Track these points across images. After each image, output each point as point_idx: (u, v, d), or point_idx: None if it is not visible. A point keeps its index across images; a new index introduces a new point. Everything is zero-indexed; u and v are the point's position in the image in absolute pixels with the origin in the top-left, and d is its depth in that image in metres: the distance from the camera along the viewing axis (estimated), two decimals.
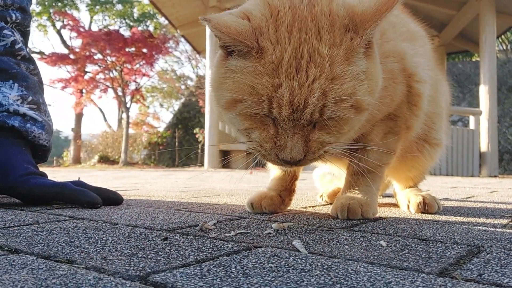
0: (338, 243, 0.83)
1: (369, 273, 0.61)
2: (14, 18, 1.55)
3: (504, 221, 1.19)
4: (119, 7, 18.70)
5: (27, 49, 1.63)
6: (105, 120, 21.16)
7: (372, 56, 0.91)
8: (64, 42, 18.25)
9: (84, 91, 14.28)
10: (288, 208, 1.37)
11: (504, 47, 15.35)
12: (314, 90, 0.82)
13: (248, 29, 0.85)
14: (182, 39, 12.31)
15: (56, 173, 5.08)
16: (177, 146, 14.09)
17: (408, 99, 1.20)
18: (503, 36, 13.19)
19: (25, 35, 1.64)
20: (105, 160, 13.63)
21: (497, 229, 1.04)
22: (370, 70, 0.88)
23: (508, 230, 1.03)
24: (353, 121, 0.90)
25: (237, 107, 0.87)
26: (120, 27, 18.89)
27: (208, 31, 7.96)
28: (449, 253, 0.76)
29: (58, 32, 18.22)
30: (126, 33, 15.33)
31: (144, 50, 12.96)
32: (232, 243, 0.81)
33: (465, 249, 0.79)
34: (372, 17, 0.86)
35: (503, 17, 7.89)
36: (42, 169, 1.51)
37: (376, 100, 0.96)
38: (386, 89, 1.12)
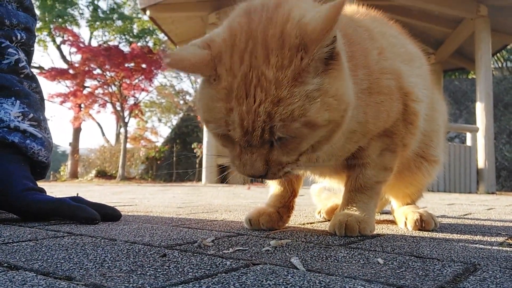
0: (336, 261, 0.83)
1: None
2: (19, 37, 1.58)
3: (500, 239, 1.20)
4: (119, 23, 18.89)
5: (30, 67, 1.66)
6: (103, 134, 21.19)
7: (336, 70, 0.90)
8: (63, 57, 18.38)
9: (82, 105, 14.31)
10: (287, 224, 1.37)
11: (500, 65, 15.51)
12: (260, 113, 0.85)
13: (205, 58, 0.89)
14: None
15: (53, 188, 5.06)
16: (175, 161, 14.08)
17: (404, 118, 1.22)
18: (498, 54, 13.35)
19: (29, 54, 1.67)
20: (103, 175, 13.59)
21: (493, 247, 1.05)
22: (327, 86, 0.88)
23: (504, 248, 1.04)
24: (310, 138, 0.91)
25: (209, 127, 0.95)
26: (119, 42, 19.05)
27: None
28: (445, 271, 0.76)
29: (58, 47, 18.37)
30: (125, 48, 15.46)
31: (143, 66, 13.04)
32: (231, 260, 0.81)
33: (461, 267, 0.80)
34: (320, 33, 0.84)
35: (498, 36, 8.00)
36: (39, 183, 1.52)
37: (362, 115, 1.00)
38: (382, 104, 1.14)
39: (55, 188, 5.12)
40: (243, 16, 0.94)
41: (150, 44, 18.17)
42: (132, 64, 12.98)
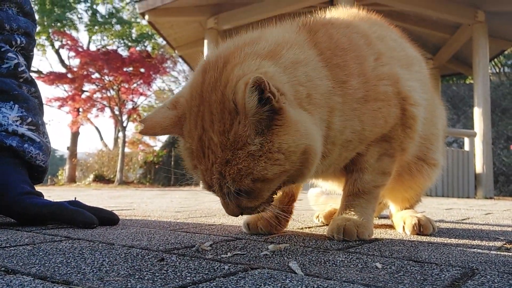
0: (334, 265, 0.83)
1: None
2: (19, 42, 1.58)
3: (498, 244, 1.20)
4: (117, 27, 18.91)
5: (30, 72, 1.66)
6: (101, 139, 21.18)
7: (279, 125, 0.90)
8: (62, 61, 18.39)
9: (81, 110, 14.30)
10: (285, 229, 1.37)
11: (497, 70, 15.58)
12: (214, 172, 0.93)
13: (173, 120, 0.99)
14: (180, 60, 12.45)
15: (51, 192, 5.05)
16: (173, 165, 14.06)
17: (402, 122, 1.22)
18: (496, 60, 13.41)
19: (29, 59, 1.67)
20: (100, 179, 13.57)
21: (491, 252, 1.05)
22: (269, 144, 0.89)
23: (502, 253, 1.04)
24: (269, 188, 0.97)
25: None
26: (118, 47, 19.07)
27: (205, 52, 8.05)
28: (443, 275, 0.76)
29: (57, 51, 18.38)
30: (124, 53, 15.46)
31: (142, 70, 13.06)
32: (229, 265, 0.81)
33: (459, 272, 0.80)
34: (247, 111, 0.87)
35: (496, 41, 8.04)
36: (37, 187, 1.51)
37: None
38: (379, 110, 1.15)
39: (53, 192, 5.11)
40: (199, 74, 1.00)
41: (149, 48, 18.19)
42: (131, 69, 12.99)
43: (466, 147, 7.34)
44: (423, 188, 1.55)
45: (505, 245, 1.17)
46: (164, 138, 20.94)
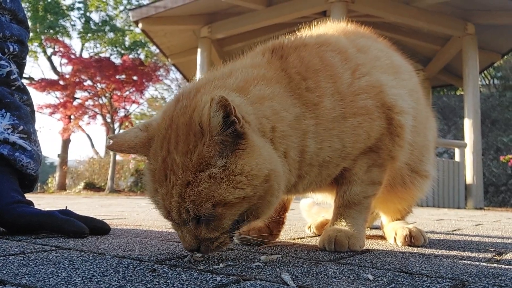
0: (326, 276, 0.84)
1: None
2: (11, 50, 1.58)
3: (488, 255, 1.21)
4: (110, 35, 18.88)
5: (22, 79, 1.65)
6: (93, 146, 20.99)
7: (242, 149, 0.91)
8: (54, 68, 18.30)
9: (72, 117, 14.21)
10: (277, 239, 1.37)
11: (487, 82, 15.78)
12: (173, 195, 0.91)
13: (142, 141, 1.00)
14: (173, 68, 12.43)
15: (40, 200, 5.00)
16: None
17: (390, 131, 1.23)
18: (486, 72, 13.59)
19: (21, 66, 1.67)
20: (91, 187, 13.45)
21: (481, 263, 1.05)
22: (232, 166, 0.90)
23: (492, 265, 1.05)
24: (230, 215, 0.92)
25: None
26: (111, 54, 19.02)
27: (199, 60, 8.08)
28: (434, 287, 0.77)
29: (49, 58, 18.29)
30: (117, 60, 15.43)
31: (135, 78, 13.03)
32: (221, 276, 0.81)
33: (450, 284, 0.80)
34: (206, 130, 0.88)
35: (485, 54, 8.16)
36: (27, 196, 1.50)
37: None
38: (360, 125, 1.16)
39: (43, 200, 5.05)
40: (173, 102, 1.03)
41: (142, 56, 18.16)
42: (123, 76, 12.96)
43: (457, 158, 7.40)
44: (415, 199, 1.56)
45: (494, 257, 1.18)
46: None
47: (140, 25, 7.93)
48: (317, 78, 1.12)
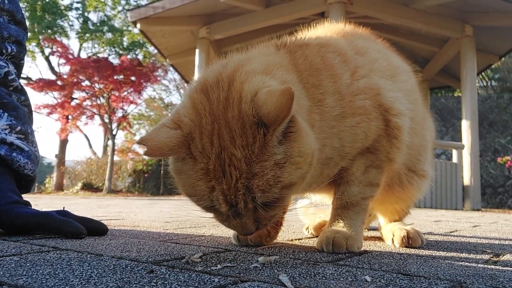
0: (324, 278, 0.83)
1: None
2: (9, 50, 1.58)
3: (486, 257, 1.21)
4: (109, 35, 18.89)
5: (20, 80, 1.65)
6: (90, 146, 21.00)
7: (295, 133, 0.95)
8: (52, 68, 18.28)
9: (70, 117, 14.19)
10: (275, 240, 1.37)
11: (485, 84, 15.83)
12: (239, 188, 0.91)
13: (180, 140, 0.93)
14: (171, 68, 12.43)
15: (38, 201, 4.98)
16: (162, 174, 13.99)
17: (387, 133, 1.23)
18: (483, 73, 13.63)
19: (19, 67, 1.66)
20: (89, 187, 13.43)
21: (479, 265, 1.06)
22: (291, 150, 0.94)
23: (489, 266, 1.05)
24: (290, 193, 0.99)
25: (190, 199, 1.00)
26: (109, 55, 19.02)
27: (197, 61, 8.08)
28: None
29: (47, 58, 18.27)
30: (115, 61, 15.44)
31: (133, 78, 13.02)
32: (219, 277, 0.81)
33: (448, 285, 0.80)
34: (274, 121, 0.90)
35: (483, 55, 8.18)
36: (24, 196, 1.50)
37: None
38: (358, 125, 1.16)
39: (40, 201, 5.04)
40: (201, 94, 0.98)
41: (140, 56, 18.17)
42: (121, 77, 12.95)
43: (454, 159, 7.42)
44: (413, 200, 1.56)
45: (492, 258, 1.19)
46: None
47: (138, 25, 7.92)
48: (320, 76, 1.13)
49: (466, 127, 7.41)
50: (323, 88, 1.13)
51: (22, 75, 1.76)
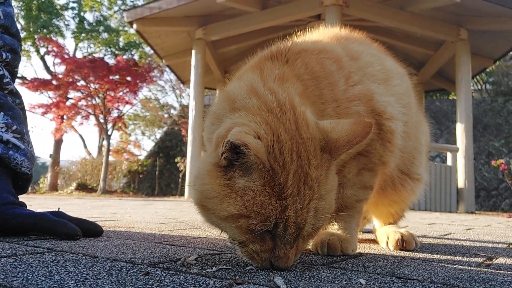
0: (319, 280, 0.84)
1: None
2: (4, 57, 1.58)
3: (479, 260, 1.22)
4: (105, 35, 18.82)
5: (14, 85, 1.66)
6: (85, 147, 20.91)
7: (332, 165, 1.00)
8: (47, 68, 18.19)
9: (65, 117, 14.12)
10: None
11: (479, 87, 15.93)
12: (311, 209, 0.91)
13: (264, 150, 0.88)
14: (167, 69, 12.40)
15: (32, 201, 4.96)
16: (157, 175, 13.95)
17: (380, 136, 1.25)
18: (478, 77, 13.71)
19: (13, 75, 1.67)
20: (83, 187, 13.36)
21: (472, 268, 1.07)
22: (335, 179, 1.00)
23: (483, 269, 1.06)
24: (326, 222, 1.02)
25: (240, 221, 0.88)
26: (105, 55, 18.94)
27: (193, 62, 8.08)
28: None
29: (42, 58, 18.18)
30: (110, 61, 15.38)
31: (128, 78, 12.97)
32: (214, 279, 0.81)
33: None
34: (344, 146, 0.95)
35: (478, 59, 8.24)
36: (20, 196, 1.49)
37: None
38: None
39: (34, 201, 5.01)
40: (270, 114, 0.95)
41: (136, 57, 18.10)
42: (117, 77, 12.90)
43: (449, 162, 7.45)
44: (407, 203, 1.57)
45: (485, 262, 1.20)
46: (149, 147, 20.74)
47: (134, 25, 7.91)
48: (320, 86, 1.15)
49: (460, 130, 7.45)
50: (324, 98, 1.14)
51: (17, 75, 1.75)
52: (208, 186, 0.92)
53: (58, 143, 16.38)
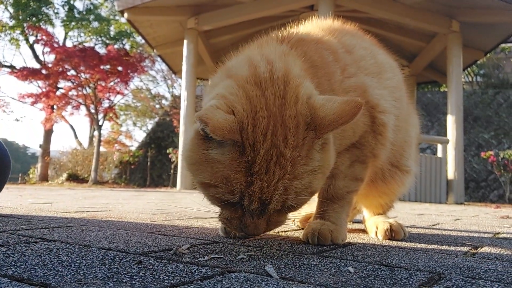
0: (309, 269, 0.86)
1: None
2: None
3: (465, 249, 1.25)
4: (95, 24, 18.59)
5: None
6: (76, 137, 20.75)
7: (327, 144, 1.01)
8: (36, 57, 17.95)
9: (55, 107, 13.99)
10: None
11: (470, 79, 16.04)
12: (278, 188, 0.93)
13: (235, 125, 0.91)
14: (159, 59, 12.33)
15: (22, 191, 4.93)
16: (149, 166, 13.91)
17: (373, 129, 1.26)
18: (469, 69, 13.80)
19: None
20: (74, 178, 13.29)
21: (458, 257, 1.09)
22: (324, 160, 1.00)
23: (468, 258, 1.08)
24: (306, 201, 1.03)
25: (210, 190, 0.97)
26: (95, 44, 18.74)
27: (185, 52, 8.03)
28: (412, 279, 0.80)
29: (31, 46, 17.93)
30: (101, 50, 15.19)
31: (119, 68, 12.86)
32: (206, 268, 0.83)
33: (427, 276, 0.83)
34: (329, 125, 0.95)
35: (469, 51, 8.29)
36: (7, 185, 1.49)
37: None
38: None
39: (25, 191, 4.98)
40: (255, 87, 0.98)
41: (127, 46, 17.94)
42: (108, 67, 12.78)
43: (439, 154, 7.53)
44: (396, 194, 1.59)
45: (471, 251, 1.23)
46: (140, 138, 20.65)
47: (125, 14, 7.84)
48: (318, 75, 1.16)
49: (451, 122, 7.52)
50: (322, 87, 1.15)
51: (5, 63, 1.74)
52: (190, 153, 0.99)
53: (48, 133, 16.25)
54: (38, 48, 17.21)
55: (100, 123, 13.33)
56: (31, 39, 17.49)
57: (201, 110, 0.94)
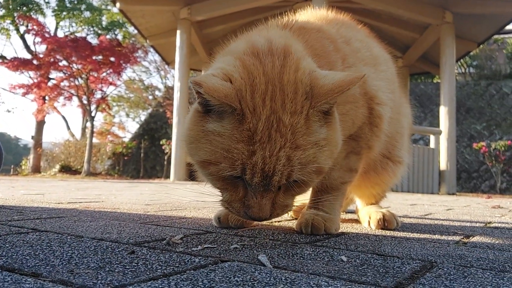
0: (302, 258, 0.86)
1: (330, 287, 0.64)
2: None
3: (457, 238, 1.26)
4: (87, 14, 18.38)
5: None
6: (68, 128, 20.60)
7: (332, 123, 0.98)
8: (27, 47, 17.73)
9: (47, 98, 13.86)
10: (255, 222, 1.39)
11: (463, 71, 16.09)
12: (280, 157, 0.88)
13: (233, 91, 0.88)
14: (151, 49, 12.22)
15: (15, 183, 4.90)
16: (142, 157, 13.87)
17: (370, 121, 1.26)
18: (462, 60, 13.84)
19: None
20: (67, 169, 13.22)
21: (450, 246, 1.10)
22: (330, 137, 0.95)
23: (460, 247, 1.09)
24: (314, 182, 1.00)
25: (210, 168, 0.91)
26: (87, 34, 18.54)
27: (178, 42, 7.96)
28: (404, 268, 0.80)
29: (22, 36, 17.70)
30: (93, 40, 15.05)
31: (112, 59, 12.75)
32: (199, 257, 0.83)
33: (419, 265, 0.84)
34: (326, 94, 0.92)
35: (462, 42, 8.31)
36: (0, 177, 1.48)
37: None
38: (348, 113, 1.18)
39: (17, 183, 4.95)
40: (253, 57, 0.96)
41: (120, 37, 17.77)
42: (100, 57, 12.67)
43: (432, 145, 7.57)
44: (388, 185, 1.60)
45: (462, 240, 1.24)
46: (133, 129, 20.54)
47: (118, 4, 7.74)
48: (320, 63, 1.13)
49: (444, 113, 7.55)
50: None
51: None
52: (189, 131, 0.96)
53: (40, 125, 16.12)
54: (29, 38, 17.06)
55: (92, 114, 13.23)
56: (22, 29, 17.27)
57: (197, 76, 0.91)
